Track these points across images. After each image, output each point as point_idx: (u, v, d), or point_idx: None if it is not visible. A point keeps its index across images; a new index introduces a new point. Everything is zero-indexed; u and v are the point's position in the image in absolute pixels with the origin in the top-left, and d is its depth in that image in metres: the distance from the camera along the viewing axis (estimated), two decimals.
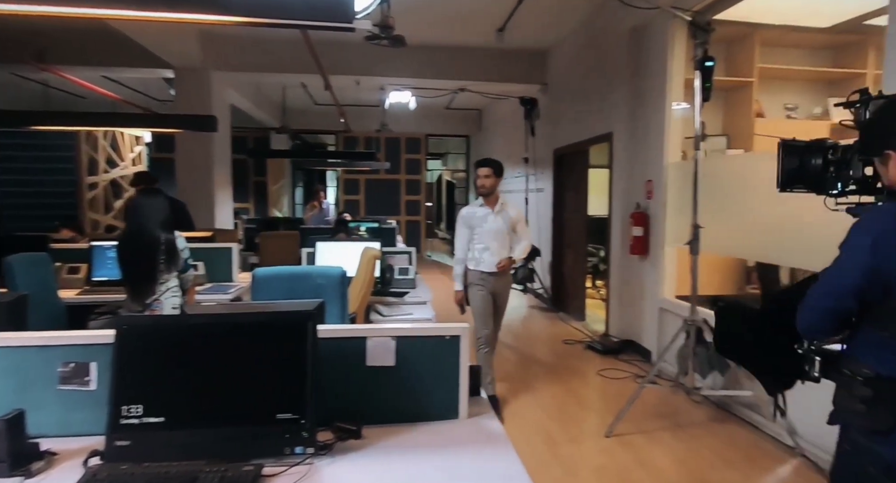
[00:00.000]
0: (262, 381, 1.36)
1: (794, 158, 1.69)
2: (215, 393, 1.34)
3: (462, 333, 1.58)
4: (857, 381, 1.24)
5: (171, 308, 2.71)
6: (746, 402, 3.42)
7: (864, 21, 4.49)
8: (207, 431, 1.31)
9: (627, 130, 4.90)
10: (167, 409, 1.30)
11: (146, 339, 1.34)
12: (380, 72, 6.72)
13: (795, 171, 1.69)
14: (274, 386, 1.36)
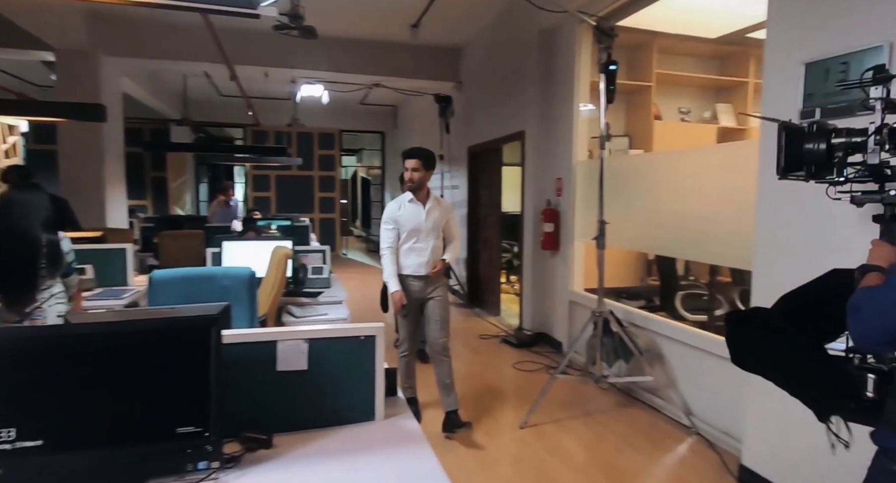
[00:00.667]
0: (160, 394, 1.25)
1: (796, 142, 1.54)
2: (104, 410, 1.22)
3: (377, 333, 1.54)
4: None
5: (55, 316, 2.44)
6: (648, 387, 3.64)
7: (746, 34, 4.93)
8: (95, 453, 1.19)
9: (538, 129, 5.06)
10: (46, 430, 1.16)
11: (20, 353, 1.19)
12: (290, 64, 6.48)
13: (796, 156, 1.54)
14: (173, 398, 1.26)
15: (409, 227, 3.10)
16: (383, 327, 1.55)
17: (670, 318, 4.08)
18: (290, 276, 3.54)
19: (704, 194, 3.25)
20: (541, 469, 2.81)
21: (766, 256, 2.54)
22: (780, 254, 2.46)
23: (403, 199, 3.15)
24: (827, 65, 2.21)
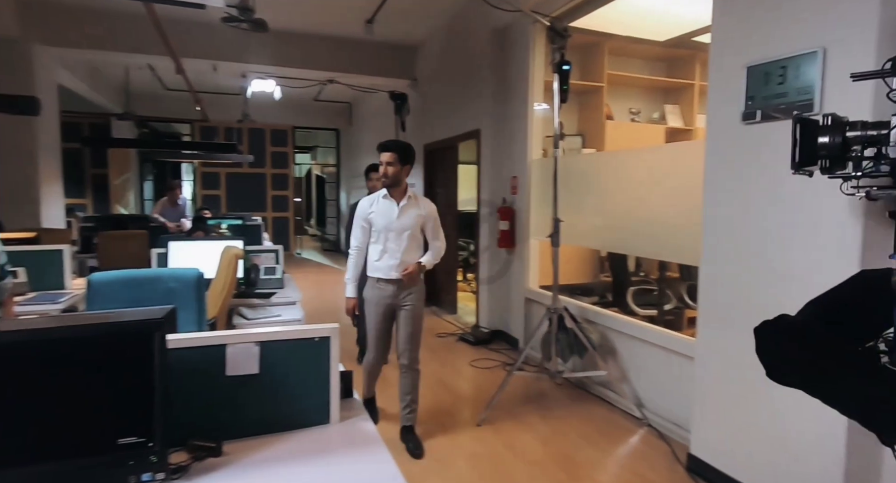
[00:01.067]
0: (99, 404, 1.18)
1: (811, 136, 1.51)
2: (38, 422, 1.14)
3: (332, 334, 1.51)
4: None
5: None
6: (601, 381, 3.73)
7: (692, 38, 5.11)
8: (29, 469, 1.11)
9: (494, 128, 5.09)
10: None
11: None
12: (240, 58, 6.28)
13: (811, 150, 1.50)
14: (114, 408, 1.19)
15: (381, 225, 2.86)
16: (338, 328, 1.52)
17: (622, 314, 4.19)
18: (242, 276, 3.44)
19: (654, 192, 3.34)
20: (498, 465, 2.83)
21: (712, 252, 2.64)
22: (724, 250, 2.56)
23: (378, 195, 2.91)
24: (766, 68, 2.30)
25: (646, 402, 3.41)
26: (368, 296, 2.92)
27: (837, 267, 2.05)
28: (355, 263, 2.94)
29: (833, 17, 2.06)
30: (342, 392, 1.60)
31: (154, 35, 5.07)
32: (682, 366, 3.03)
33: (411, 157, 2.88)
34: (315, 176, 14.77)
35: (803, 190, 2.18)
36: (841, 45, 2.03)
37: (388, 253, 2.86)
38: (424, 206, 2.95)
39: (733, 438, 2.52)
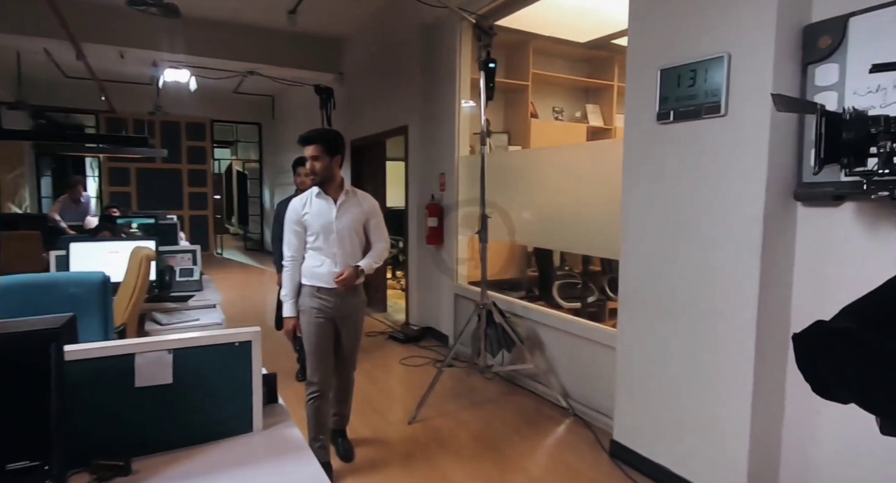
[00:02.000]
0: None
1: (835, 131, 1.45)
2: None
3: (254, 338, 1.43)
4: None
5: None
6: (529, 374, 3.81)
7: (611, 40, 5.32)
8: None
9: (422, 124, 5.07)
10: None
11: None
12: (150, 45, 5.88)
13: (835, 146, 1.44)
14: (2, 429, 1.06)
15: (317, 227, 2.49)
16: (260, 331, 1.44)
17: (548, 307, 4.31)
18: (155, 279, 3.22)
19: (577, 189, 3.45)
20: (431, 463, 2.82)
21: (630, 247, 2.76)
22: (641, 244, 2.68)
23: (311, 194, 2.53)
24: (678, 71, 2.43)
25: (571, 392, 3.53)
26: (306, 307, 2.51)
27: (742, 258, 2.20)
28: (291, 276, 2.53)
29: (736, 25, 2.20)
30: (266, 398, 1.52)
31: (49, 16, 4.64)
32: (605, 356, 3.15)
33: (340, 146, 2.51)
34: (236, 172, 14.13)
35: (711, 186, 2.32)
36: (744, 50, 2.18)
37: (330, 258, 2.50)
38: (365, 202, 2.61)
39: (653, 423, 2.65)
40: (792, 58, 2.10)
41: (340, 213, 2.51)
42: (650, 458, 2.65)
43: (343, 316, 2.56)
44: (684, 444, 2.49)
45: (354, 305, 2.60)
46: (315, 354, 2.53)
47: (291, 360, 4.06)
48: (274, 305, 6.62)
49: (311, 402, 2.55)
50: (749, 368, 2.19)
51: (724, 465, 2.30)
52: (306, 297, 2.52)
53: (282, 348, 4.15)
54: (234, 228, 15.01)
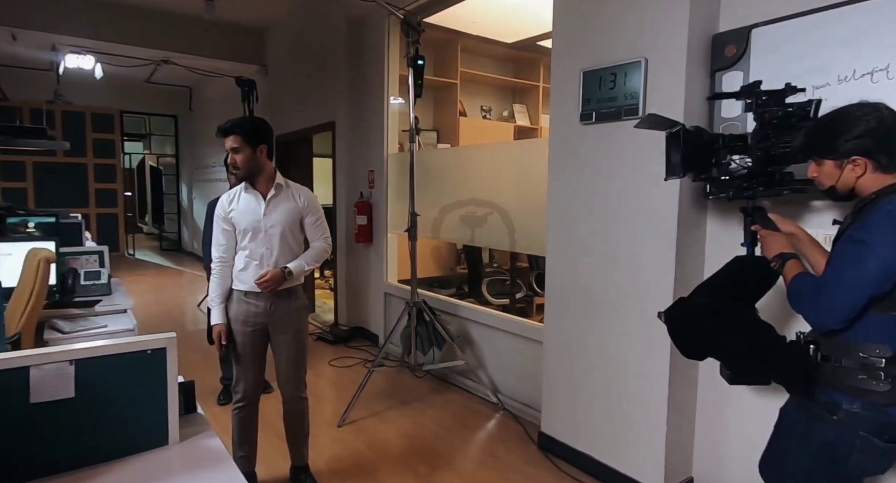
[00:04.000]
0: None
1: (690, 145, 1.74)
2: None
3: (168, 345, 1.34)
4: (879, 362, 1.32)
5: None
6: (460, 371, 3.84)
7: (537, 42, 5.45)
8: None
9: (350, 120, 4.97)
10: None
11: None
12: (48, 27, 5.38)
13: (689, 157, 1.75)
14: None
15: (244, 225, 2.28)
16: (175, 337, 1.35)
17: (478, 304, 4.36)
18: (56, 283, 2.95)
19: (504, 187, 3.51)
20: (360, 465, 2.78)
21: (555, 243, 2.84)
22: (566, 241, 2.76)
23: (239, 189, 2.33)
24: (599, 74, 2.52)
25: (501, 387, 3.59)
26: (234, 314, 2.31)
27: (658, 255, 2.31)
28: (220, 279, 2.32)
29: (652, 31, 2.31)
30: (183, 407, 1.43)
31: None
32: (532, 350, 3.23)
33: (264, 135, 2.27)
34: (150, 167, 13.27)
35: (629, 186, 2.42)
36: (659, 55, 2.29)
37: (256, 260, 2.28)
38: (301, 197, 2.37)
39: (578, 414, 2.75)
40: (702, 64, 2.23)
41: (269, 210, 2.29)
42: (577, 449, 2.74)
43: (276, 323, 2.34)
44: (608, 434, 2.59)
45: (290, 311, 2.36)
46: (242, 363, 2.35)
47: (215, 379, 3.64)
48: (194, 308, 6.29)
49: (236, 413, 2.39)
50: (665, 361, 2.31)
51: (644, 453, 2.42)
52: (234, 303, 2.32)
53: (206, 363, 3.92)
54: (147, 228, 14.10)
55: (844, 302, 1.32)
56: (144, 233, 13.95)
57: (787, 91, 1.73)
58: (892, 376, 1.32)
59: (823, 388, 1.43)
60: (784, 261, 1.50)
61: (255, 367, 2.38)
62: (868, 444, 1.36)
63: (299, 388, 2.48)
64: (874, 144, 1.35)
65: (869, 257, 1.29)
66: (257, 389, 2.44)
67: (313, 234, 2.41)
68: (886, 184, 1.37)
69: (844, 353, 1.38)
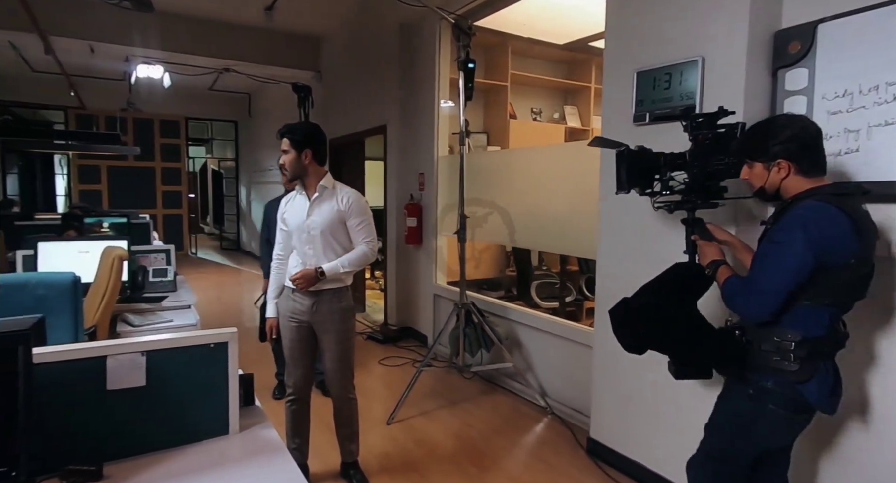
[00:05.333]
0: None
1: (632, 163, 1.98)
2: None
3: (230, 339, 1.41)
4: (790, 345, 1.51)
5: None
6: (508, 373, 3.83)
7: (589, 42, 5.38)
8: None
9: (401, 124, 5.06)
10: None
11: None
12: (122, 40, 5.73)
13: (632, 174, 1.97)
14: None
15: (293, 226, 2.38)
16: (235, 332, 1.42)
17: (526, 307, 4.34)
18: (127, 279, 3.15)
19: (555, 189, 3.48)
20: (409, 462, 2.82)
21: (607, 247, 2.79)
22: (617, 244, 2.72)
23: (295, 191, 2.46)
24: (654, 74, 2.47)
25: (549, 390, 3.56)
26: (282, 309, 2.43)
27: None
28: (276, 276, 2.46)
29: (710, 29, 2.24)
30: (242, 399, 1.50)
31: (16, 8, 4.51)
32: (582, 355, 3.18)
33: (312, 139, 2.34)
34: (211, 170, 13.90)
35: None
36: (717, 54, 2.22)
37: (302, 259, 2.37)
38: (344, 198, 2.38)
39: (629, 421, 2.69)
40: (763, 62, 2.15)
41: (312, 211, 2.35)
42: (627, 456, 2.69)
43: (319, 322, 2.39)
44: (659, 441, 2.53)
45: (332, 312, 2.38)
46: (289, 358, 2.46)
47: (270, 374, 3.78)
48: (251, 305, 6.54)
49: (288, 406, 2.52)
50: None
51: None
52: (283, 299, 2.44)
53: (264, 359, 4.07)
54: (209, 228, 14.76)
55: (768, 297, 1.50)
56: (206, 233, 14.62)
57: (719, 114, 1.89)
58: (800, 358, 1.51)
59: (747, 368, 1.63)
60: (716, 267, 1.70)
61: (302, 363, 2.47)
62: (776, 415, 1.58)
63: (346, 387, 2.54)
64: (797, 149, 1.53)
65: (785, 256, 1.48)
66: (307, 384, 2.53)
67: (356, 236, 2.41)
68: (807, 187, 1.54)
69: (763, 337, 1.57)
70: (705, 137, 1.85)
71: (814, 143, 1.55)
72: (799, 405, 1.56)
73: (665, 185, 1.96)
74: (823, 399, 1.55)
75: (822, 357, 1.54)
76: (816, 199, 1.49)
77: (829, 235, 1.44)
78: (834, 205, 1.46)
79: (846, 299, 1.55)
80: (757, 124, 1.65)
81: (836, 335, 1.58)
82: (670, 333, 1.75)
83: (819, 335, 1.52)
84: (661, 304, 1.79)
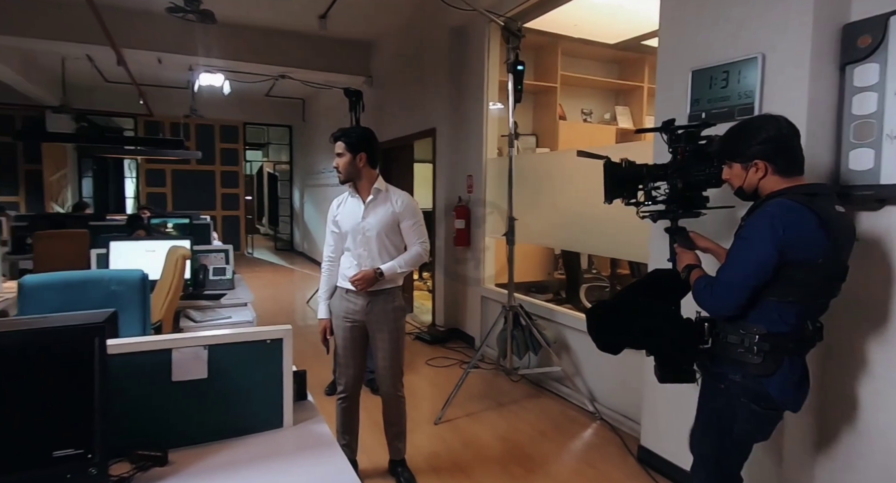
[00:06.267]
0: (32, 414, 1.10)
1: (617, 175, 2.06)
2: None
3: (285, 336, 1.47)
4: (754, 338, 1.56)
5: None
6: (556, 377, 3.79)
7: (642, 41, 5.26)
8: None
9: (450, 127, 5.10)
10: None
11: None
12: (186, 50, 6.04)
13: (617, 185, 2.06)
14: (49, 418, 1.12)
15: (347, 228, 2.43)
16: (290, 329, 1.48)
17: (575, 310, 4.27)
18: (189, 277, 3.31)
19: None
20: (457, 463, 2.83)
21: (658, 250, 2.72)
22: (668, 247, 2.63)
23: (347, 194, 2.50)
24: (711, 72, 2.39)
25: (598, 395, 3.49)
26: (336, 309, 2.48)
27: None
28: (327, 277, 2.52)
29: (771, 25, 2.16)
30: (296, 394, 1.56)
31: (92, 24, 4.83)
32: (633, 360, 3.11)
33: (366, 143, 2.39)
34: (267, 173, 14.42)
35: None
36: (778, 50, 2.13)
37: (356, 261, 2.41)
38: (399, 201, 2.44)
39: (681, 429, 2.61)
40: (829, 58, 2.05)
41: (367, 213, 2.40)
42: (679, 466, 2.61)
43: (373, 321, 2.45)
44: None
45: (386, 311, 2.44)
46: (342, 357, 2.51)
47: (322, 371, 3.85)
48: (303, 304, 6.74)
49: (339, 403, 2.57)
50: None
51: (754, 471, 2.25)
52: (336, 299, 2.50)
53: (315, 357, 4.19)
54: (264, 229, 15.30)
55: (732, 292, 1.56)
56: (261, 233, 15.16)
57: (701, 125, 1.95)
58: (763, 351, 1.55)
59: (714, 361, 1.69)
60: (689, 270, 1.77)
61: (354, 362, 2.52)
62: (748, 409, 1.60)
63: (396, 385, 2.57)
64: (772, 150, 1.57)
65: (749, 251, 1.53)
66: (358, 383, 2.58)
67: (410, 237, 2.47)
68: (783, 187, 1.57)
69: (729, 330, 1.63)
70: (683, 150, 1.92)
71: (789, 144, 1.59)
72: (764, 399, 1.59)
73: (648, 196, 2.03)
74: (787, 395, 1.59)
75: (786, 352, 1.56)
76: (786, 197, 1.52)
77: (795, 233, 1.47)
78: (803, 204, 1.49)
79: (814, 297, 1.58)
80: (734, 126, 1.68)
81: (802, 332, 1.59)
82: (631, 328, 1.83)
83: (783, 331, 1.55)
84: (635, 299, 1.91)
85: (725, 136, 1.70)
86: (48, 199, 9.60)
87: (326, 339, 2.52)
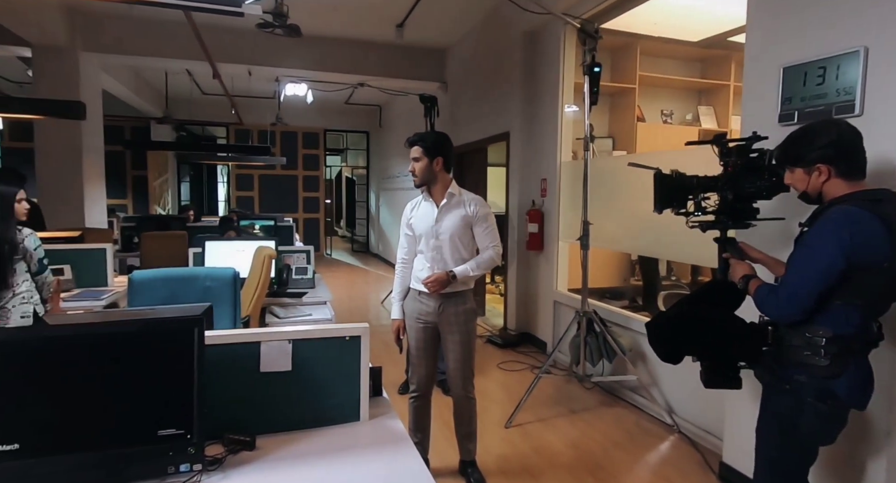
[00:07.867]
0: (141, 396, 1.23)
1: (667, 185, 2.14)
2: (84, 412, 1.20)
3: (363, 333, 1.54)
4: (821, 341, 1.56)
5: (20, 317, 2.37)
6: (631, 386, 3.68)
7: (727, 37, 5.00)
8: (75, 457, 1.17)
9: (524, 130, 5.08)
10: (22, 434, 1.14)
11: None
12: (274, 62, 6.42)
13: (668, 196, 2.14)
14: (155, 400, 1.24)
15: (421, 231, 2.48)
16: (368, 328, 1.55)
17: None
18: (274, 276, 3.51)
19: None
20: (527, 468, 2.82)
21: None
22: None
23: (421, 197, 2.54)
24: (805, 69, 2.25)
25: (676, 408, 3.36)
26: (409, 310, 2.55)
27: None
28: (400, 279, 2.58)
29: (874, 16, 2.00)
30: (371, 390, 1.62)
31: (193, 41, 5.24)
32: None
33: (442, 148, 2.44)
34: (345, 178, 14.96)
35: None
36: (883, 44, 1.97)
37: (429, 263, 2.46)
38: (472, 205, 2.47)
39: None
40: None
41: (441, 217, 2.44)
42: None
43: (445, 323, 2.49)
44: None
45: (457, 314, 2.49)
46: (414, 357, 2.58)
47: (395, 369, 3.96)
48: (378, 304, 6.94)
49: (411, 402, 2.63)
50: (885, 395, 1.97)
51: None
52: (409, 300, 2.56)
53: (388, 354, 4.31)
54: (342, 231, 15.88)
55: (799, 298, 1.56)
56: (339, 235, 15.73)
57: (752, 139, 1.95)
58: (831, 354, 1.55)
59: (779, 364, 1.69)
60: (747, 281, 1.77)
61: (426, 362, 2.57)
62: (814, 409, 1.60)
63: (466, 387, 2.60)
64: (834, 154, 1.59)
65: (815, 258, 1.55)
66: (430, 383, 2.63)
67: (483, 241, 2.49)
68: (847, 191, 1.59)
69: (794, 333, 1.63)
70: (735, 164, 1.94)
71: (852, 147, 1.60)
72: (832, 398, 1.59)
73: (698, 206, 2.08)
74: (854, 394, 1.59)
75: (852, 354, 1.57)
76: (850, 203, 1.53)
77: (861, 238, 1.48)
78: (867, 210, 1.50)
79: (879, 300, 1.59)
80: (795, 131, 1.70)
81: (868, 334, 1.60)
82: (697, 336, 1.85)
83: (849, 333, 1.56)
84: (694, 309, 1.91)
85: (786, 141, 1.71)
86: (152, 202, 10.49)
87: (399, 338, 2.58)
